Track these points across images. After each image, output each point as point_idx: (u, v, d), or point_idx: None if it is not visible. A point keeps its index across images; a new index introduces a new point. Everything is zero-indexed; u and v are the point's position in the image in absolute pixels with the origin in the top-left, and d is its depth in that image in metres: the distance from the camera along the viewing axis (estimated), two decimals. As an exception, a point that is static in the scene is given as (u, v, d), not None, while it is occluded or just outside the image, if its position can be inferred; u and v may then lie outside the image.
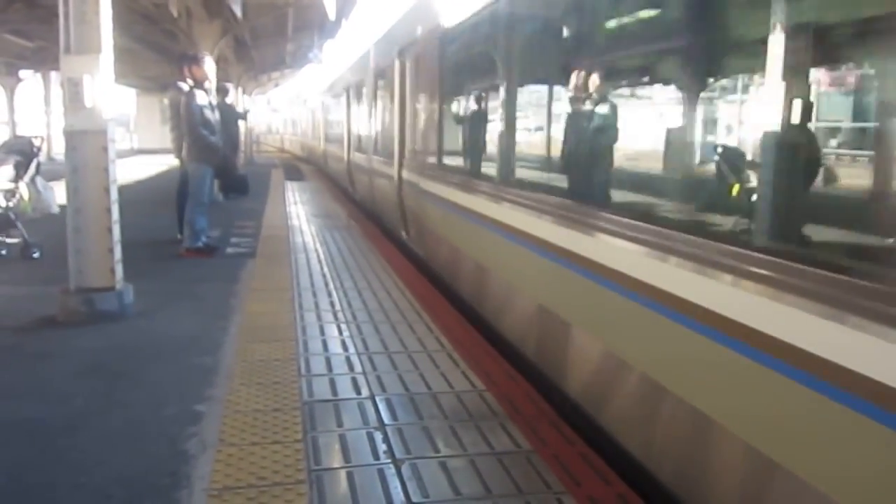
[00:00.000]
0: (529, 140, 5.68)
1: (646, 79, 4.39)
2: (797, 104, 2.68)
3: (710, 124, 3.79)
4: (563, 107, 4.87)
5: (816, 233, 2.81)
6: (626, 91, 4.64)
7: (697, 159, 3.77)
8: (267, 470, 3.09)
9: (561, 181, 4.66)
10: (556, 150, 4.96)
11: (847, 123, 3.43)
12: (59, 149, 21.23)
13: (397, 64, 9.32)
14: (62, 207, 5.70)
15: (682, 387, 3.02)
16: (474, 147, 6.74)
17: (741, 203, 3.15)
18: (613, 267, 3.51)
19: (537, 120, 5.66)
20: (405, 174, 8.89)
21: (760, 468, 2.53)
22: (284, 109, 46.78)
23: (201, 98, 7.87)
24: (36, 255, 7.75)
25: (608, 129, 4.19)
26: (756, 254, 2.58)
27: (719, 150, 3.58)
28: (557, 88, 5.07)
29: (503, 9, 5.27)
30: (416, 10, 8.42)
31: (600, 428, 3.67)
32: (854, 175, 3.33)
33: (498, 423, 3.63)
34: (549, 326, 4.41)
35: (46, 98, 29.18)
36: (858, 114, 3.32)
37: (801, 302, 2.33)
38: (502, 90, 5.39)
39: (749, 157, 3.28)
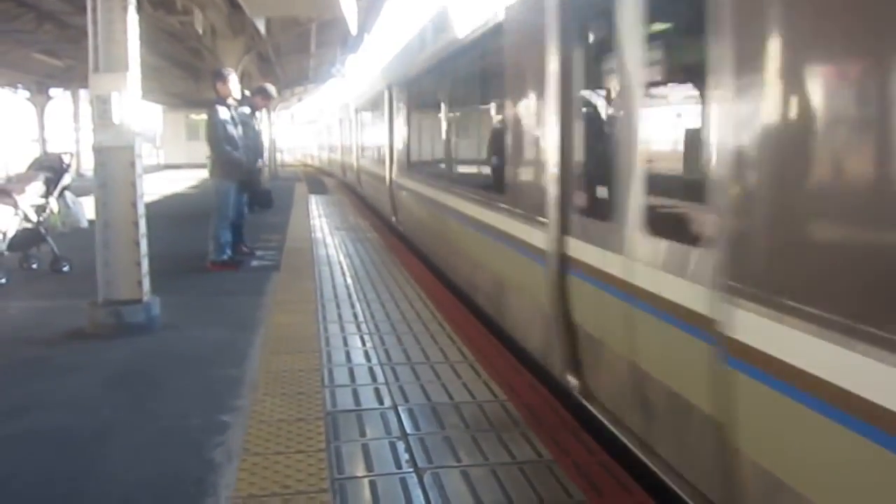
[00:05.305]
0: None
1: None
2: None
3: None
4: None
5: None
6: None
7: None
8: (291, 479, 3.13)
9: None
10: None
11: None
12: (88, 165, 21.64)
13: (353, 114, 18.98)
14: (91, 222, 5.82)
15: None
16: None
17: None
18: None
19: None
20: (360, 162, 18.34)
21: None
22: (302, 130, 53.89)
23: (223, 113, 7.99)
24: (66, 268, 7.90)
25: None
26: None
27: None
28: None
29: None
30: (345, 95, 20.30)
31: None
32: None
33: (519, 433, 3.64)
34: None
35: (75, 115, 29.78)
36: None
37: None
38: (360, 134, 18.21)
39: None
